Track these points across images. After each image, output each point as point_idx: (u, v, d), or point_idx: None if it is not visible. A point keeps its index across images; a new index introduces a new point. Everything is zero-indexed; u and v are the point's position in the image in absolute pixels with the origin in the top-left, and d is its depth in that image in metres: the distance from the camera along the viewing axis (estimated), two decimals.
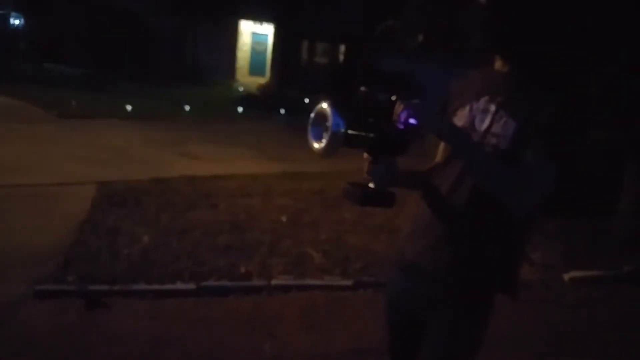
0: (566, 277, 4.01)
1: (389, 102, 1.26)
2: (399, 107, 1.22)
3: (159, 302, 3.04)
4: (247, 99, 13.66)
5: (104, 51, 17.60)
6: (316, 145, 1.20)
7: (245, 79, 19.92)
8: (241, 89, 17.07)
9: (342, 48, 19.55)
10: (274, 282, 3.29)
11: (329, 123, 1.15)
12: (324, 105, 1.18)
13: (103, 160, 6.53)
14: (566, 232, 4.95)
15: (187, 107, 10.57)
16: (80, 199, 4.82)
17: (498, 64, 1.34)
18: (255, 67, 21.03)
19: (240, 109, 11.79)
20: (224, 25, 19.33)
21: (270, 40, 19.07)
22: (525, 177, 1.18)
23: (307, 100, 14.06)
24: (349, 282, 3.43)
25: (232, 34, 20.63)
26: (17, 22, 19.11)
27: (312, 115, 1.22)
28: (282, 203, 5.10)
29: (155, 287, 3.15)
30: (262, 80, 17.95)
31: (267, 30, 19.88)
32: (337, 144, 1.15)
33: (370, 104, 1.28)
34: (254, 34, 21.17)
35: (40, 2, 19.15)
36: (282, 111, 12.10)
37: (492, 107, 1.29)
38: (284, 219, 4.54)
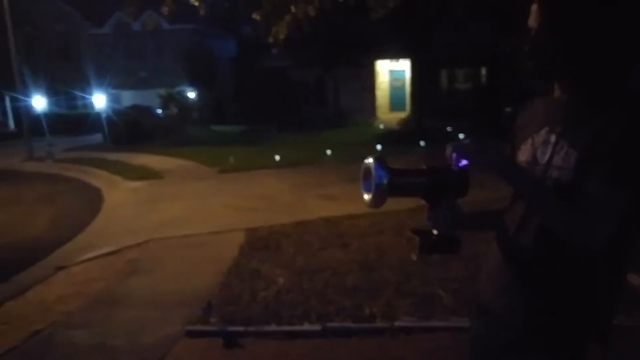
0: None
1: None
2: (449, 149, 1.20)
3: (288, 343, 3.21)
4: (387, 135, 13.87)
5: (257, 108, 19.58)
6: (365, 196, 1.25)
7: (386, 116, 20.30)
8: (382, 126, 17.39)
9: (484, 70, 18.88)
10: (397, 323, 3.25)
11: (372, 176, 1.20)
12: (369, 160, 1.23)
13: (253, 208, 7.18)
14: None
15: (329, 151, 11.09)
16: (231, 245, 5.34)
17: (557, 91, 1.26)
18: (396, 102, 21.35)
19: (378, 147, 12.01)
20: (361, 68, 20.15)
21: (407, 74, 19.26)
22: (591, 212, 1.08)
23: (449, 129, 13.78)
24: None
25: (370, 75, 21.32)
26: (191, 94, 22.23)
27: (362, 169, 1.27)
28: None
29: (285, 328, 3.34)
30: (403, 115, 18.10)
31: (404, 65, 20.13)
32: (383, 194, 1.20)
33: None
34: (391, 71, 21.60)
35: (207, 75, 22.20)
36: (422, 143, 12.02)
37: (553, 138, 1.22)
38: (414, 257, 4.45)
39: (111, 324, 3.69)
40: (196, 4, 5.14)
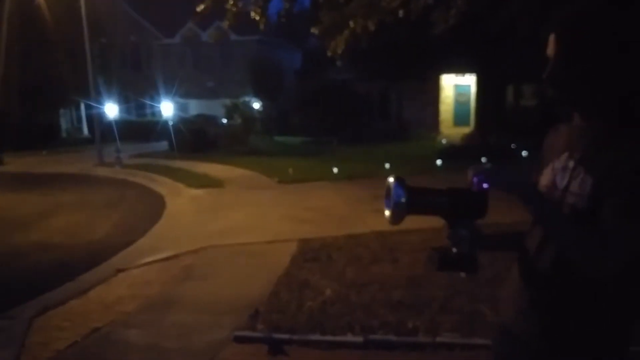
0: None
1: None
2: (470, 173, 1.23)
3: (330, 353, 3.25)
4: (449, 150, 13.60)
5: (319, 120, 19.82)
6: (386, 212, 1.30)
7: (450, 131, 19.93)
8: (444, 141, 17.09)
9: None
10: (438, 339, 3.22)
11: (392, 194, 1.25)
12: (390, 179, 1.29)
13: (307, 220, 7.28)
14: None
15: (387, 165, 11.04)
16: (283, 255, 5.44)
17: (577, 117, 1.27)
18: (460, 117, 20.92)
19: (439, 162, 11.80)
20: (426, 81, 19.93)
21: (473, 89, 18.85)
22: (604, 240, 1.08)
23: (513, 146, 13.32)
24: None
25: (434, 89, 21.03)
26: (256, 105, 22.88)
27: (385, 187, 1.32)
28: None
29: (328, 338, 3.38)
30: (466, 131, 17.72)
31: (469, 80, 19.73)
32: (401, 212, 1.25)
33: None
34: (457, 85, 21.21)
35: (271, 86, 22.72)
36: (484, 160, 11.70)
37: (571, 164, 1.24)
38: (462, 274, 4.38)
39: (164, 326, 3.87)
40: (257, 18, 5.32)
